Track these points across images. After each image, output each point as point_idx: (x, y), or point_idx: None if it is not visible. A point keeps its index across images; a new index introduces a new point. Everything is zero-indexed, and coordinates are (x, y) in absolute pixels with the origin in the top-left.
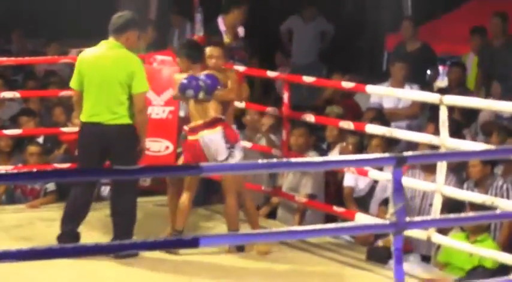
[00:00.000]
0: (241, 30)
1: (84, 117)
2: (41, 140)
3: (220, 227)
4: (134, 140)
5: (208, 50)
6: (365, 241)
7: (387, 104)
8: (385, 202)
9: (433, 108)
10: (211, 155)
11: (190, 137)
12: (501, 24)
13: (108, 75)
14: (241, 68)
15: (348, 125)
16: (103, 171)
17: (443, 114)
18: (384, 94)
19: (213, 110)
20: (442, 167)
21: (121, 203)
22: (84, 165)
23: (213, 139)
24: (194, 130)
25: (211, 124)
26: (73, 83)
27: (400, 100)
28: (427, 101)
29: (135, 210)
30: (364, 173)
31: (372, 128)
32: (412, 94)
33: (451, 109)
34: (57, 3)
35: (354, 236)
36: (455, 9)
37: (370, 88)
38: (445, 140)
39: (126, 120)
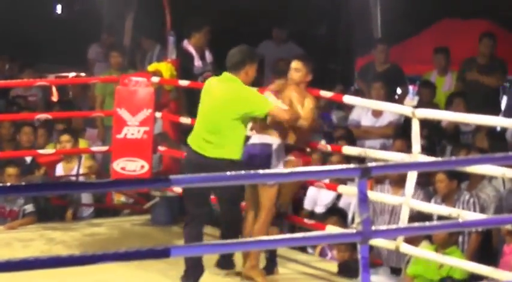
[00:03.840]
0: (208, 56)
1: None
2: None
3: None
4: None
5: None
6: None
7: (365, 122)
8: (334, 212)
9: (403, 127)
10: None
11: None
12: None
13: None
14: None
15: (325, 146)
16: (77, 185)
17: (415, 128)
18: (361, 105)
19: None
20: (411, 179)
21: (228, 216)
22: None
23: None
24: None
25: None
26: None
27: (377, 119)
28: (400, 114)
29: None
30: (333, 187)
31: (348, 150)
32: (385, 106)
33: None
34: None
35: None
36: (423, 31)
37: (347, 98)
38: (417, 157)
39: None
